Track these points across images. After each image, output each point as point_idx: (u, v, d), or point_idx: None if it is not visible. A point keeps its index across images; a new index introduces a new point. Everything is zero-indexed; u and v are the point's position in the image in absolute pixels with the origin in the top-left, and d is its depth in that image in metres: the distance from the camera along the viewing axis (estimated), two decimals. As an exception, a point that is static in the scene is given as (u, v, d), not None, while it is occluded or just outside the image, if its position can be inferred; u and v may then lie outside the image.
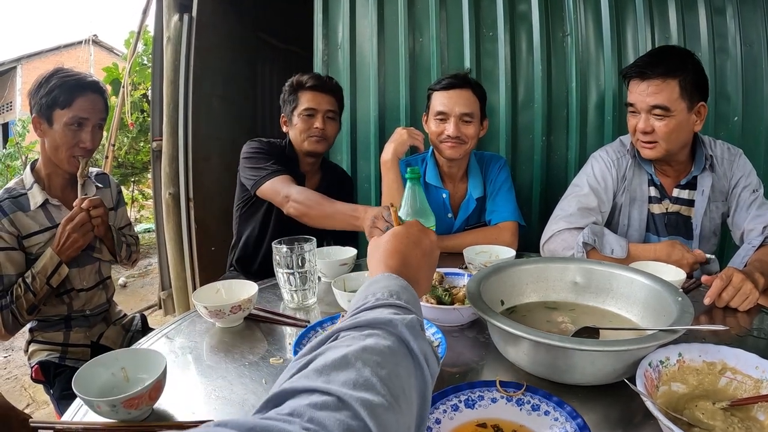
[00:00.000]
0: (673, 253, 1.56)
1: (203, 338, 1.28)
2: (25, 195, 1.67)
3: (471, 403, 0.82)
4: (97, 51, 16.29)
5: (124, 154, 8.00)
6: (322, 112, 2.06)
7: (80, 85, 1.64)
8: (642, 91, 1.62)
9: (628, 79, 1.70)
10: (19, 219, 1.62)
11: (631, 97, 1.68)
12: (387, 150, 1.97)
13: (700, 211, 1.77)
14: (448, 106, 1.93)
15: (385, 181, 1.96)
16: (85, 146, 1.67)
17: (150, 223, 8.76)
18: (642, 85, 1.63)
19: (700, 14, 2.38)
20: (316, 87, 2.05)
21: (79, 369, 0.93)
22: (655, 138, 1.65)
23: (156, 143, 3.61)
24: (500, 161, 2.17)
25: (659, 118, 1.62)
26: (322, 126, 2.05)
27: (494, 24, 2.55)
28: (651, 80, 1.60)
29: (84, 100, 1.64)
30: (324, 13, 2.67)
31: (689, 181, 1.78)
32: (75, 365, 1.74)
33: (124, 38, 9.93)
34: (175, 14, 3.41)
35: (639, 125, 1.66)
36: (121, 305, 2.07)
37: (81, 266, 1.77)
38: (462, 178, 2.14)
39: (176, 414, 0.94)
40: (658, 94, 1.59)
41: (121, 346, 1.89)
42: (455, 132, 1.92)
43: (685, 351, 0.90)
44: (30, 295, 1.59)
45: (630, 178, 1.82)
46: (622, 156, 1.84)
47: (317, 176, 2.24)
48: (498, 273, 1.23)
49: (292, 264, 1.44)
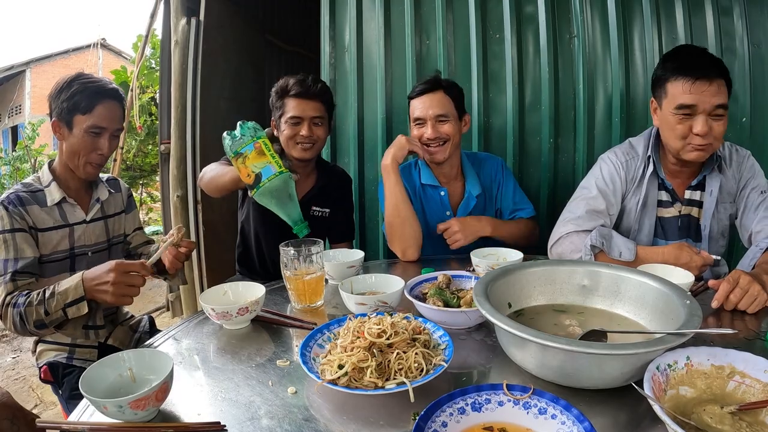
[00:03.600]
0: (681, 256, 1.55)
1: (210, 340, 1.28)
2: (42, 191, 1.68)
3: (478, 407, 0.82)
4: (105, 54, 16.42)
5: (133, 156, 8.07)
6: (308, 119, 2.00)
7: (102, 91, 1.64)
8: (705, 91, 1.55)
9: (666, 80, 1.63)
10: (35, 212, 1.63)
11: (689, 98, 1.57)
12: (387, 155, 1.99)
13: (709, 211, 1.75)
14: (422, 111, 2.00)
15: (386, 184, 1.98)
16: (102, 153, 1.67)
17: (158, 225, 8.80)
18: (705, 85, 1.55)
19: (707, 15, 2.36)
20: (300, 94, 1.99)
21: (86, 370, 0.94)
22: (709, 140, 1.59)
23: (164, 146, 3.64)
24: (499, 161, 2.24)
25: (717, 119, 1.57)
26: (309, 133, 2.00)
27: (501, 26, 2.55)
28: (713, 80, 1.55)
29: (104, 107, 1.64)
30: (331, 15, 2.68)
31: (699, 182, 1.77)
32: (83, 365, 1.75)
33: (132, 42, 10.03)
34: (183, 18, 3.44)
35: (698, 128, 1.57)
36: (128, 307, 2.07)
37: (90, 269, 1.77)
38: (457, 177, 2.18)
39: (183, 415, 0.94)
40: (721, 93, 1.55)
41: (128, 347, 1.90)
42: (433, 134, 1.98)
43: (693, 354, 0.89)
44: (41, 310, 1.46)
45: (639, 181, 1.80)
46: (631, 159, 1.82)
47: (311, 178, 2.20)
48: (505, 276, 1.22)
49: (299, 266, 1.44)
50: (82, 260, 1.75)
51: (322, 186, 2.17)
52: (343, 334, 1.05)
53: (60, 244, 1.68)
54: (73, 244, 1.73)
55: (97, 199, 1.79)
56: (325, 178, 2.20)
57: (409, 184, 2.11)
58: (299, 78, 2.01)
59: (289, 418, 0.90)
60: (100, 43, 16.31)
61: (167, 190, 3.63)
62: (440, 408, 0.81)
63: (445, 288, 1.37)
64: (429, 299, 1.30)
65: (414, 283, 1.42)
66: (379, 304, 1.30)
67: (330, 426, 0.88)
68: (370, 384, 0.91)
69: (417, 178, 2.15)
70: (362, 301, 1.31)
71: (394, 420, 0.88)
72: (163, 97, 3.68)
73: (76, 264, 1.74)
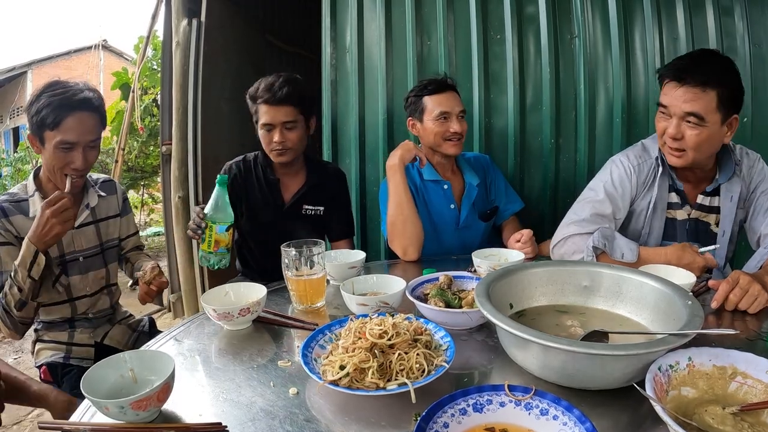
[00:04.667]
0: (683, 257, 1.54)
1: (212, 341, 1.29)
2: (26, 201, 1.68)
3: (479, 407, 0.82)
4: (106, 56, 16.42)
5: (134, 158, 8.07)
6: (279, 125, 1.96)
7: (67, 104, 1.56)
8: (678, 96, 1.53)
9: (663, 79, 1.61)
10: (19, 222, 1.64)
11: (665, 99, 1.58)
12: (393, 155, 2.00)
13: (729, 218, 1.73)
14: (449, 106, 2.07)
15: (392, 183, 1.98)
16: (76, 167, 1.62)
17: (159, 226, 8.82)
18: (679, 90, 1.53)
19: (708, 15, 2.37)
20: (268, 101, 1.95)
21: (88, 370, 0.94)
22: (683, 146, 1.58)
23: (165, 147, 3.64)
24: (486, 156, 2.40)
25: (692, 126, 1.53)
26: (281, 139, 1.97)
27: (502, 26, 2.55)
28: (689, 86, 1.51)
29: (73, 120, 1.57)
30: (332, 16, 2.68)
31: (715, 188, 1.74)
32: (80, 364, 1.77)
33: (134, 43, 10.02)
34: (184, 19, 3.44)
35: (669, 130, 1.57)
36: (129, 308, 2.08)
37: (83, 273, 1.79)
38: (455, 171, 2.25)
39: (184, 416, 0.94)
40: (695, 101, 1.50)
41: (125, 346, 1.91)
42: (460, 128, 2.07)
43: (695, 355, 0.89)
44: (15, 289, 1.52)
45: (651, 183, 1.77)
46: (644, 161, 1.78)
47: (299, 178, 2.17)
48: (507, 276, 1.22)
49: (300, 267, 1.44)
50: (74, 265, 1.76)
51: (312, 185, 2.15)
52: (344, 335, 1.05)
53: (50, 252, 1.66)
54: (62, 251, 1.73)
55: (86, 205, 1.79)
56: (316, 176, 2.17)
57: (410, 181, 2.12)
58: (268, 83, 1.97)
59: (291, 419, 0.90)
60: (101, 44, 16.32)
61: (168, 191, 3.63)
62: (442, 409, 0.81)
63: (446, 289, 1.37)
64: (430, 300, 1.29)
65: (415, 283, 1.42)
66: (381, 304, 1.30)
67: (331, 427, 0.88)
68: (372, 385, 0.91)
69: (417, 175, 2.18)
70: (364, 302, 1.31)
71: (396, 421, 0.88)
72: (165, 98, 3.69)
73: (68, 270, 1.75)
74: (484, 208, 2.25)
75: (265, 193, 2.12)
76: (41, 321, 1.79)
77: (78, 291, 1.78)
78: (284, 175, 2.15)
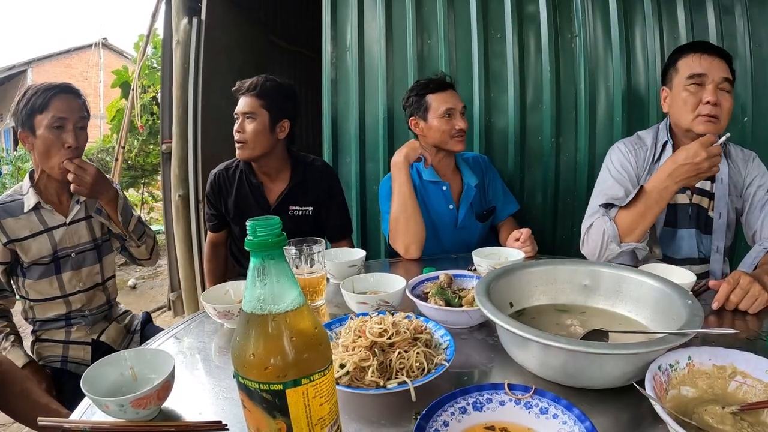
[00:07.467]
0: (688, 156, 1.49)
1: (212, 339, 1.29)
2: (20, 200, 1.71)
3: (479, 406, 0.82)
4: (106, 54, 16.43)
5: (134, 156, 8.07)
6: (241, 116, 1.99)
7: (52, 87, 1.67)
8: (714, 63, 1.63)
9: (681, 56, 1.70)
10: (9, 224, 1.68)
11: (700, 67, 1.64)
12: (399, 153, 1.99)
13: (723, 200, 1.75)
14: (455, 103, 2.09)
15: (396, 181, 1.98)
16: (70, 146, 1.67)
17: (159, 224, 8.81)
18: (713, 59, 1.63)
19: (709, 14, 2.36)
20: (238, 91, 2.01)
21: (88, 369, 0.94)
22: (717, 113, 1.62)
23: (165, 145, 3.63)
24: (484, 157, 2.40)
25: (725, 93, 1.62)
26: (238, 128, 1.98)
27: (502, 25, 2.55)
28: (720, 57, 1.64)
29: (59, 100, 1.66)
30: (332, 15, 2.68)
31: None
32: (76, 371, 1.78)
33: (134, 41, 10.01)
34: (184, 17, 3.44)
35: (709, 97, 1.61)
36: (130, 307, 2.08)
37: (75, 269, 1.79)
38: (454, 172, 2.25)
39: (184, 414, 0.94)
40: (727, 70, 1.63)
41: (122, 344, 1.91)
42: (464, 125, 2.09)
43: (694, 354, 0.89)
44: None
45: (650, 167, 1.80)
46: (639, 147, 1.83)
47: (282, 179, 2.12)
48: (507, 275, 1.22)
49: (300, 265, 1.44)
50: (67, 262, 1.77)
51: (297, 184, 2.09)
52: (344, 334, 1.05)
53: (43, 249, 1.71)
54: (55, 247, 1.74)
55: (77, 200, 1.80)
56: (301, 175, 2.10)
57: None
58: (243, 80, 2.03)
59: (291, 418, 0.90)
60: (101, 42, 16.32)
61: (168, 189, 3.63)
62: (442, 407, 0.81)
63: (446, 287, 1.37)
64: (430, 298, 1.30)
65: (415, 282, 1.42)
66: (381, 303, 1.30)
67: (331, 425, 0.88)
68: (372, 383, 0.91)
69: (416, 176, 2.17)
70: (364, 301, 1.31)
71: (396, 419, 0.88)
72: (165, 96, 3.68)
73: (61, 267, 1.76)
74: (482, 208, 2.25)
75: (250, 199, 2.09)
76: (38, 320, 1.79)
77: (71, 287, 1.79)
78: (266, 178, 2.11)
